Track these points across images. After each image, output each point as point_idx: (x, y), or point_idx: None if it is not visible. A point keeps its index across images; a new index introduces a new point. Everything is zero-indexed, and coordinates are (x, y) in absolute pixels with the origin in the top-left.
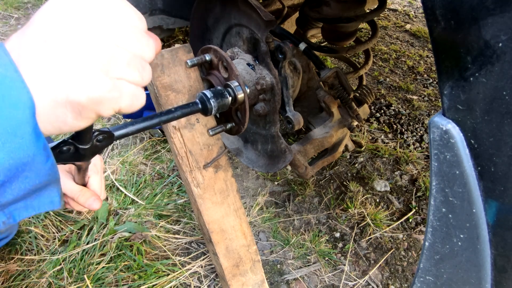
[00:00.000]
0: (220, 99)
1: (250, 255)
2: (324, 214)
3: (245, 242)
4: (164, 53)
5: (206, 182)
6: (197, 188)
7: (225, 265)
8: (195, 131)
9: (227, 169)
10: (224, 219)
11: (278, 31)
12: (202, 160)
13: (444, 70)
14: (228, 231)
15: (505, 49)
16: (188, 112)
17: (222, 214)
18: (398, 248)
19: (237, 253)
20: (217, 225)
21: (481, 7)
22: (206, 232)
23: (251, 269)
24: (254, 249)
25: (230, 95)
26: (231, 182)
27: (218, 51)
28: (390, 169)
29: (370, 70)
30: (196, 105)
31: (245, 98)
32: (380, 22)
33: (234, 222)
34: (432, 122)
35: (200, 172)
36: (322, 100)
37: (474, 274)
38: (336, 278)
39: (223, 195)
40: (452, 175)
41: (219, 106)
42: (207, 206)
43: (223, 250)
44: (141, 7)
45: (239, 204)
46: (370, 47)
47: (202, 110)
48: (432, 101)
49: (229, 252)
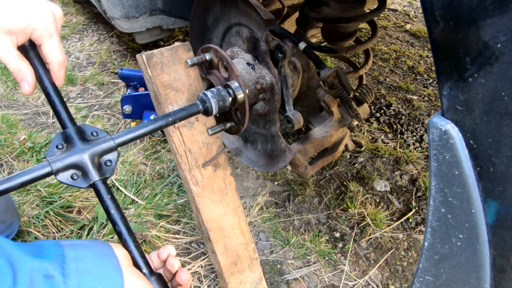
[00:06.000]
0: (221, 99)
1: (248, 253)
2: (324, 214)
3: (243, 240)
4: (164, 51)
5: (205, 180)
6: (196, 186)
7: (223, 263)
8: (195, 130)
9: (226, 167)
10: (223, 217)
11: (278, 30)
12: (201, 158)
13: (443, 71)
14: (226, 229)
15: (504, 50)
16: (189, 114)
17: (221, 213)
18: (398, 248)
19: (235, 251)
20: (216, 223)
21: (480, 8)
22: (204, 230)
23: (249, 267)
24: (252, 247)
25: (230, 96)
26: (229, 181)
27: (218, 50)
28: (390, 169)
29: (370, 70)
30: (196, 106)
31: (245, 98)
32: (380, 22)
33: (233, 220)
34: (431, 123)
35: (199, 171)
36: (322, 100)
37: (473, 274)
38: (336, 278)
39: (222, 193)
40: (451, 176)
41: (219, 107)
42: (206, 205)
43: (222, 248)
44: (141, 7)
45: (237, 203)
46: (370, 47)
47: (203, 111)
48: (432, 101)
49: (227, 250)
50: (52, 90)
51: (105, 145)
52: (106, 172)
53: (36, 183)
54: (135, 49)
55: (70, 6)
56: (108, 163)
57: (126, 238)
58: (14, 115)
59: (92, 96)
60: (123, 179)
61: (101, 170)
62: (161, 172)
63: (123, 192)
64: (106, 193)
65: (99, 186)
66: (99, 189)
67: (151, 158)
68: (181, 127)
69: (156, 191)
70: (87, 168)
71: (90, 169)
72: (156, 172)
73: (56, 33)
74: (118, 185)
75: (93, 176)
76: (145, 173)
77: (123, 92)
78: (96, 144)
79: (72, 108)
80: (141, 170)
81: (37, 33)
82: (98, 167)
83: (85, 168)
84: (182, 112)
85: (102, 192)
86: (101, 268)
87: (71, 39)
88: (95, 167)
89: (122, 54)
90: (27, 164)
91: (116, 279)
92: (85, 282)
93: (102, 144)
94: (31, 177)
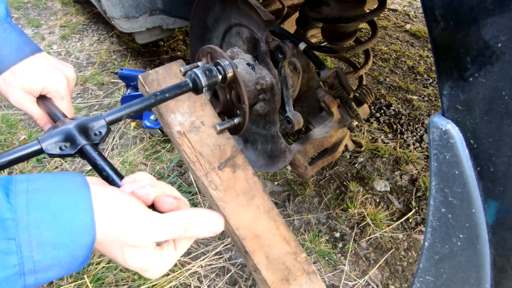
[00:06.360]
0: (210, 76)
1: (301, 265)
2: (324, 214)
3: (289, 248)
4: (159, 70)
5: (224, 183)
6: (216, 191)
7: (271, 279)
8: (202, 133)
9: (246, 167)
10: (255, 223)
11: (278, 31)
12: (215, 161)
13: (444, 71)
14: (264, 236)
15: (505, 50)
16: (180, 92)
17: (252, 217)
18: (398, 248)
19: (282, 263)
20: (249, 230)
21: (481, 7)
22: (237, 241)
23: (306, 284)
24: (303, 257)
25: (220, 73)
26: (254, 181)
27: (208, 48)
28: (390, 169)
29: (370, 70)
30: (185, 83)
31: (234, 71)
32: (380, 22)
33: (269, 225)
34: (431, 122)
35: (216, 174)
36: (322, 100)
37: (474, 274)
38: (336, 278)
39: (248, 195)
40: (452, 175)
41: (209, 83)
42: (232, 210)
43: (264, 261)
44: (141, 7)
45: (269, 205)
46: (370, 47)
47: (193, 89)
48: (432, 101)
49: (271, 263)
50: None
51: (93, 119)
52: (94, 139)
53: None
54: (135, 49)
55: (70, 6)
56: (97, 132)
57: (114, 178)
58: (14, 115)
59: (92, 96)
60: None
61: (89, 138)
62: (161, 172)
63: None
64: (94, 151)
65: (87, 149)
66: (87, 151)
67: (151, 158)
68: (187, 132)
69: None
70: (74, 136)
71: (77, 137)
72: (156, 172)
73: (67, 96)
74: None
75: (80, 141)
76: None
77: (123, 92)
78: (84, 119)
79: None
80: (141, 170)
81: (50, 95)
82: (86, 135)
83: (72, 138)
84: (171, 89)
85: (90, 152)
86: (60, 185)
87: (71, 39)
88: (83, 135)
89: (122, 54)
90: (26, 164)
91: (81, 193)
92: (38, 199)
93: (90, 118)
94: (21, 155)
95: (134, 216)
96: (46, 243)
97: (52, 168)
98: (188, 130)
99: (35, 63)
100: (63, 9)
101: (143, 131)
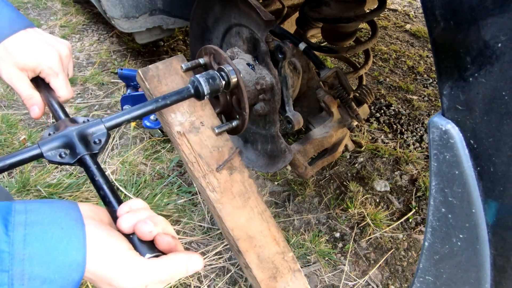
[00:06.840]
0: (212, 82)
1: (288, 264)
2: (324, 214)
3: (278, 249)
4: (159, 65)
5: (222, 185)
6: (213, 192)
7: (260, 277)
8: (202, 134)
9: (243, 170)
10: (249, 224)
11: (278, 31)
12: (213, 163)
13: (444, 71)
14: (256, 237)
15: (505, 50)
16: (181, 98)
17: (246, 219)
18: (398, 248)
19: (271, 262)
20: (243, 232)
21: (481, 7)
22: (232, 241)
23: (291, 281)
24: (290, 256)
25: (223, 79)
26: (249, 184)
27: (211, 48)
28: (390, 169)
29: (370, 70)
30: (187, 89)
31: (238, 78)
32: (380, 22)
33: (262, 227)
34: (431, 122)
35: (214, 176)
36: (322, 100)
37: (474, 274)
38: (336, 278)
39: (243, 198)
40: (452, 175)
41: (211, 89)
42: (228, 211)
43: (255, 260)
44: (141, 7)
45: (263, 207)
46: (370, 47)
47: (195, 95)
48: (432, 101)
49: (262, 262)
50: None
51: (93, 125)
52: (94, 148)
53: (36, 183)
54: (135, 49)
55: (70, 6)
56: (97, 141)
57: (111, 200)
58: (14, 115)
59: (92, 96)
60: (123, 179)
61: (89, 147)
62: (161, 172)
63: (123, 192)
64: (93, 164)
65: (86, 159)
66: (86, 162)
67: (151, 158)
68: (187, 133)
69: (156, 191)
70: (74, 144)
71: (77, 145)
72: (156, 172)
73: (62, 72)
74: (118, 185)
75: (80, 150)
76: (145, 173)
77: (123, 92)
78: (85, 125)
79: (72, 108)
80: (141, 170)
81: (45, 72)
82: (86, 144)
83: (72, 145)
84: (172, 95)
85: (89, 164)
86: (56, 219)
87: (71, 39)
88: (82, 143)
89: (122, 54)
90: (26, 163)
91: (75, 230)
92: (34, 233)
93: (90, 124)
94: (21, 159)
95: (125, 260)
96: (36, 278)
97: (52, 168)
98: (187, 131)
99: (28, 37)
100: (63, 9)
101: (143, 131)
